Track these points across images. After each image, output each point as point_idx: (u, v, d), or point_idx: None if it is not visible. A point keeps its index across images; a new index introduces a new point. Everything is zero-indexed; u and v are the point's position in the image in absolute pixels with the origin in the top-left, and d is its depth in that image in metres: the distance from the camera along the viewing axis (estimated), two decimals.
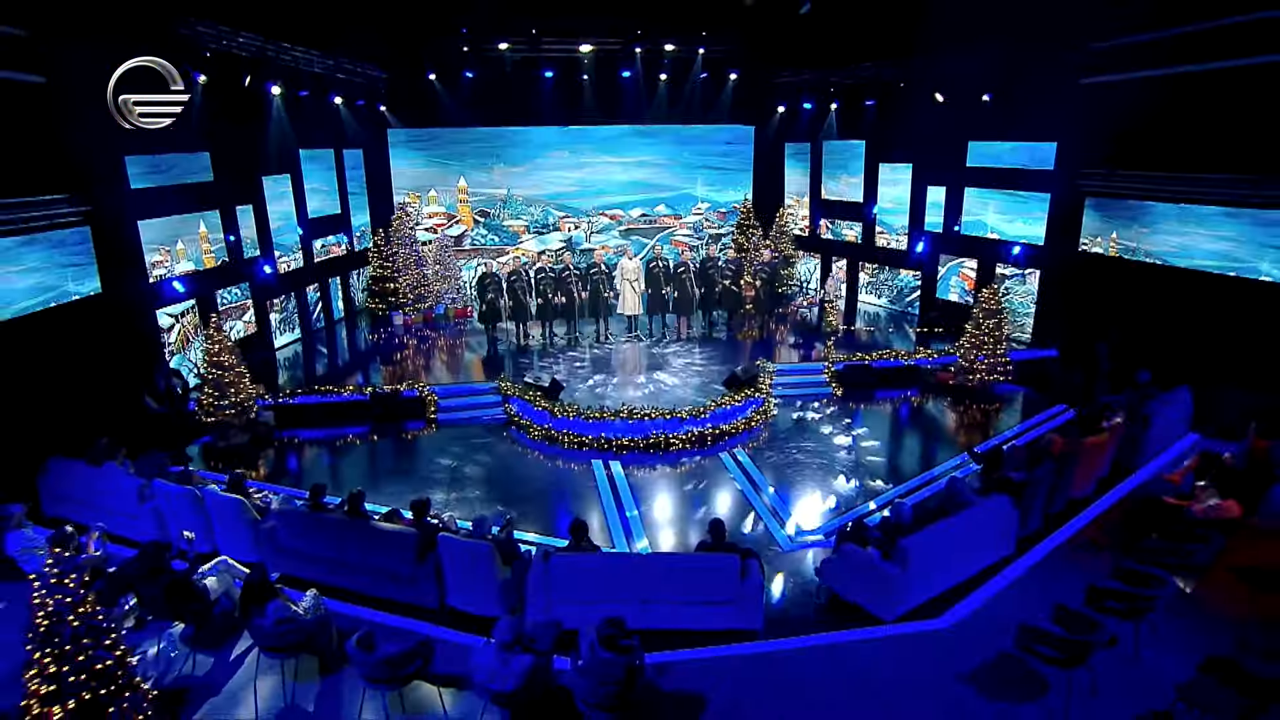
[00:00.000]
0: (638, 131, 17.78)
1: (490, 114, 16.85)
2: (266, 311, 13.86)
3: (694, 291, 14.36)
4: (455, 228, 17.87)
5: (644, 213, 18.36)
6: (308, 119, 13.99)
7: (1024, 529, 7.56)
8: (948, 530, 6.76)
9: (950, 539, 6.79)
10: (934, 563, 6.71)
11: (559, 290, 14.00)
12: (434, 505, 8.28)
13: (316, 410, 11.27)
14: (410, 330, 15.58)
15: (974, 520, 6.96)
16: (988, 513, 7.10)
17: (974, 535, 7.01)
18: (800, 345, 13.67)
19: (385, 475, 9.74)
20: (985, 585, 7.02)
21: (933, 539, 6.65)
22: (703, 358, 13.28)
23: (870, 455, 9.96)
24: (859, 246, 17.16)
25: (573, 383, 11.97)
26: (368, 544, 7.14)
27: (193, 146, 11.72)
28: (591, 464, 9.78)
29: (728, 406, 10.68)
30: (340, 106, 15.03)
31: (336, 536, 7.25)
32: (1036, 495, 7.61)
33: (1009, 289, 14.04)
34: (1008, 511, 7.30)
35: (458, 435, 10.89)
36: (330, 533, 7.27)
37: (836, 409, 11.56)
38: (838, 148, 17.19)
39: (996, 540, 7.30)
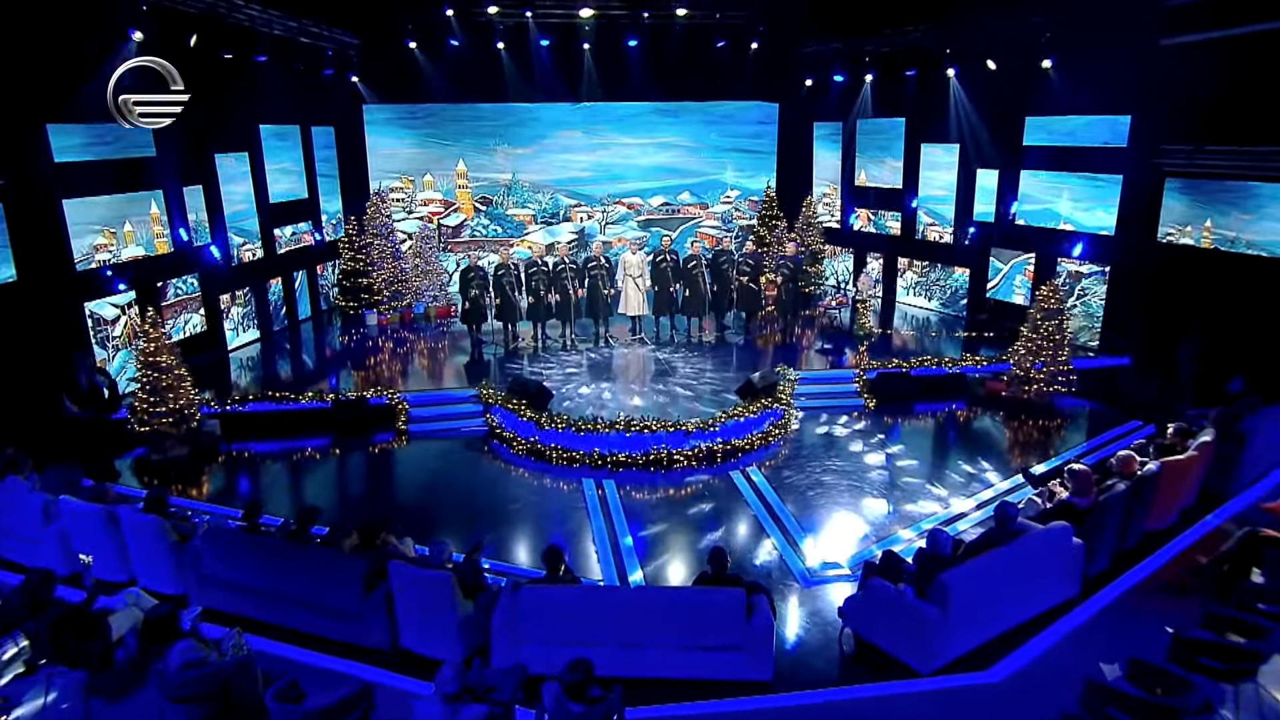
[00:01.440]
0: (659, 110, 17.72)
1: (480, 88, 16.76)
2: (218, 306, 13.74)
3: (706, 290, 14.21)
4: (453, 216, 17.80)
5: (666, 201, 18.37)
6: (268, 90, 13.84)
7: (1090, 566, 7.22)
8: (996, 565, 6.38)
9: (1000, 575, 6.42)
10: (980, 603, 6.34)
11: (553, 287, 13.87)
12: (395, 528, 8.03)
13: (271, 420, 11.13)
14: (385, 331, 15.53)
15: (1028, 553, 6.58)
16: (1045, 545, 6.72)
17: (1029, 571, 6.64)
18: (828, 350, 13.58)
19: (345, 493, 9.66)
20: (1043, 633, 6.68)
21: (978, 575, 6.28)
22: (715, 364, 13.18)
23: (907, 476, 9.77)
24: (898, 240, 16.92)
25: (566, 390, 11.88)
26: (307, 572, 6.83)
27: None
28: (582, 483, 9.63)
29: (741, 419, 10.50)
30: (306, 76, 14.95)
31: (271, 563, 6.94)
32: (1106, 526, 7.26)
33: (1086, 289, 13.54)
34: (1070, 544, 6.93)
35: (431, 449, 10.82)
36: (264, 559, 6.96)
37: (868, 423, 11.43)
38: (874, 127, 17.01)
39: (1057, 578, 6.93)
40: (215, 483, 9.92)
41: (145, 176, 11.98)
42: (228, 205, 13.83)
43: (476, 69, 16.30)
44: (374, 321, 15.94)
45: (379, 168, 17.25)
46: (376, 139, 17.17)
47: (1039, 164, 14.12)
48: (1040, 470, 9.19)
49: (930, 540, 6.47)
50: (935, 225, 16.15)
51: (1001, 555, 6.43)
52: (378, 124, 17.08)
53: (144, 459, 10.31)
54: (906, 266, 16.80)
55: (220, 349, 13.73)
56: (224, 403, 11.11)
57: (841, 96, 17.05)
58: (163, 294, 12.49)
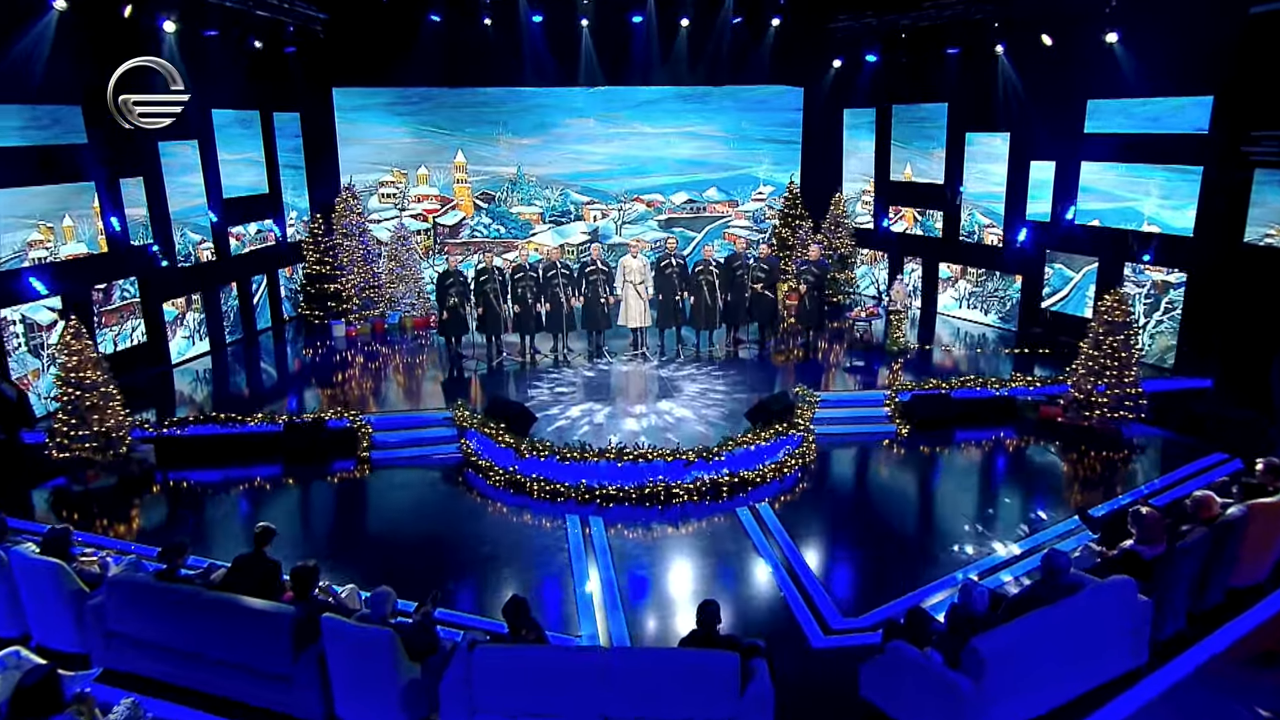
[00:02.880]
0: (682, 95, 17.83)
1: (470, 70, 16.86)
2: (161, 314, 13.68)
3: (717, 299, 14.05)
4: (450, 214, 17.83)
5: (690, 198, 18.45)
6: (220, 70, 13.86)
7: (1161, 630, 6.87)
8: (1044, 626, 6.03)
9: (1048, 639, 6.08)
10: (1023, 674, 5.99)
11: (543, 294, 13.79)
12: (342, 574, 8.03)
13: (213, 445, 11.07)
14: (354, 344, 15.51)
15: (1083, 613, 6.23)
16: (1104, 603, 6.37)
17: (1084, 635, 6.30)
18: (856, 369, 13.53)
19: (293, 531, 9.48)
20: (1101, 710, 6.37)
21: (1021, 639, 5.94)
22: (725, 383, 13.07)
23: (943, 515, 9.60)
24: (939, 243, 16.78)
25: (554, 413, 11.78)
26: (229, 628, 6.56)
27: (56, 96, 11.47)
28: (565, 520, 9.50)
29: (751, 447, 10.32)
30: (266, 55, 14.98)
31: (188, 617, 6.67)
32: (1179, 580, 6.90)
33: (1174, 302, 13.15)
34: (1135, 602, 6.57)
35: (396, 480, 10.75)
36: (180, 612, 6.69)
37: (901, 453, 11.30)
38: (912, 114, 16.90)
39: (1118, 644, 6.58)
40: (146, 518, 9.79)
41: (75, 165, 11.91)
42: (178, 200, 13.82)
43: (464, 47, 16.34)
44: (341, 333, 15.93)
45: (367, 159, 17.31)
46: (363, 127, 17.25)
47: (1103, 154, 13.83)
48: (1101, 512, 8.91)
49: (963, 595, 6.15)
50: (994, 227, 15.88)
51: (1050, 615, 6.09)
52: (361, 109, 17.15)
53: (63, 490, 10.17)
54: (959, 275, 16.54)
55: (164, 363, 13.67)
56: (160, 425, 10.99)
57: (874, 79, 17.01)
58: (107, 298, 12.49)
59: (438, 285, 13.96)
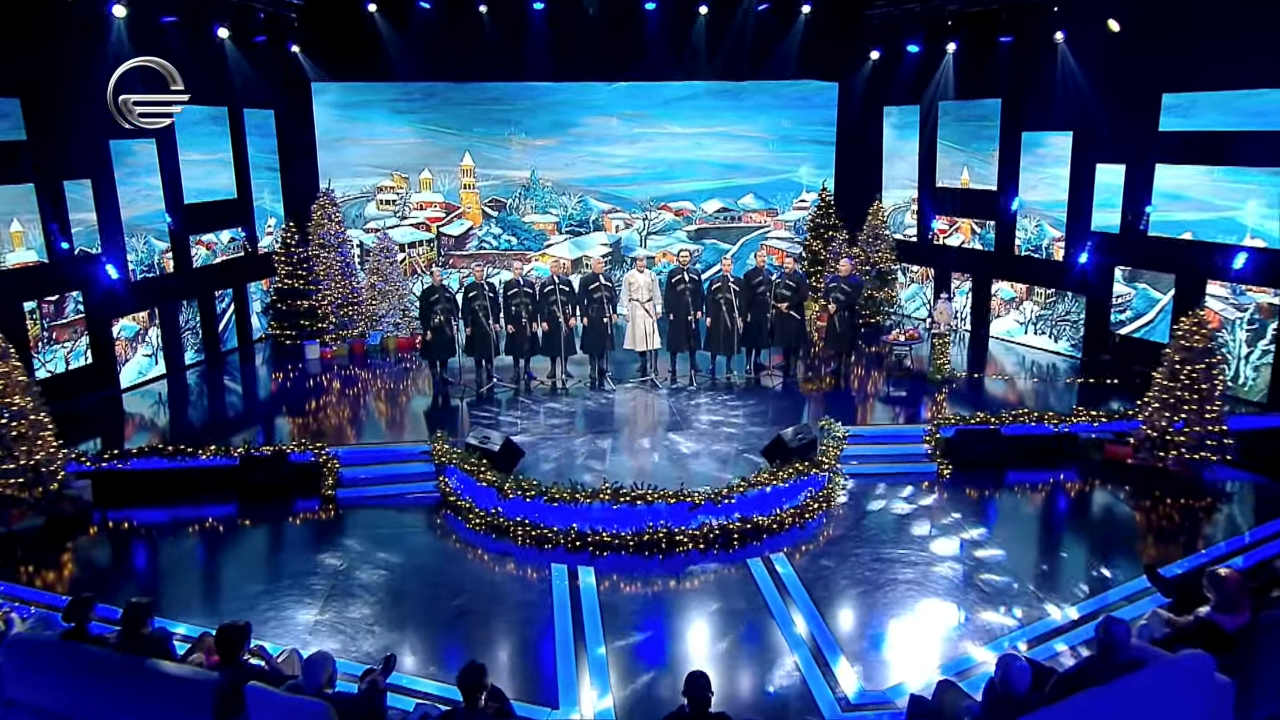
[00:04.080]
0: (715, 90, 17.98)
1: (462, 62, 16.94)
2: (109, 332, 13.68)
3: (735, 320, 13.98)
4: (456, 224, 17.93)
5: (724, 206, 18.52)
6: (180, 61, 13.90)
7: (1246, 716, 6.41)
8: (1097, 709, 5.67)
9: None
10: None
11: (539, 313, 13.81)
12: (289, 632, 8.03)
13: (160, 480, 11.08)
14: (329, 368, 15.58)
15: (1146, 694, 5.87)
16: (1173, 683, 6.02)
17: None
18: (893, 399, 13.58)
19: (243, 580, 9.44)
20: None
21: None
22: (743, 415, 13.06)
23: (988, 572, 9.33)
24: (991, 257, 16.73)
25: (546, 448, 11.80)
26: (143, 695, 6.32)
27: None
28: (550, 570, 9.40)
29: (766, 488, 10.18)
30: (233, 45, 15.05)
31: (97, 682, 6.45)
32: (1267, 658, 6.44)
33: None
34: (1211, 682, 6.15)
35: (364, 522, 10.68)
36: (87, 677, 6.48)
37: (941, 497, 11.16)
38: (960, 112, 16.70)
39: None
40: (79, 564, 9.75)
41: (14, 165, 11.94)
42: (140, 204, 13.93)
43: (467, 36, 16.44)
44: (315, 355, 15.96)
45: (364, 161, 17.54)
46: (359, 125, 17.47)
47: (1181, 155, 13.56)
48: (1174, 571, 8.75)
49: (1001, 670, 5.75)
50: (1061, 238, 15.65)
51: (1105, 696, 5.73)
52: (357, 106, 17.36)
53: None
54: (1023, 295, 16.31)
55: (112, 388, 13.69)
56: (98, 459, 10.97)
57: (918, 72, 17.04)
58: (59, 311, 12.65)
59: (421, 302, 14.00)
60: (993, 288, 16.73)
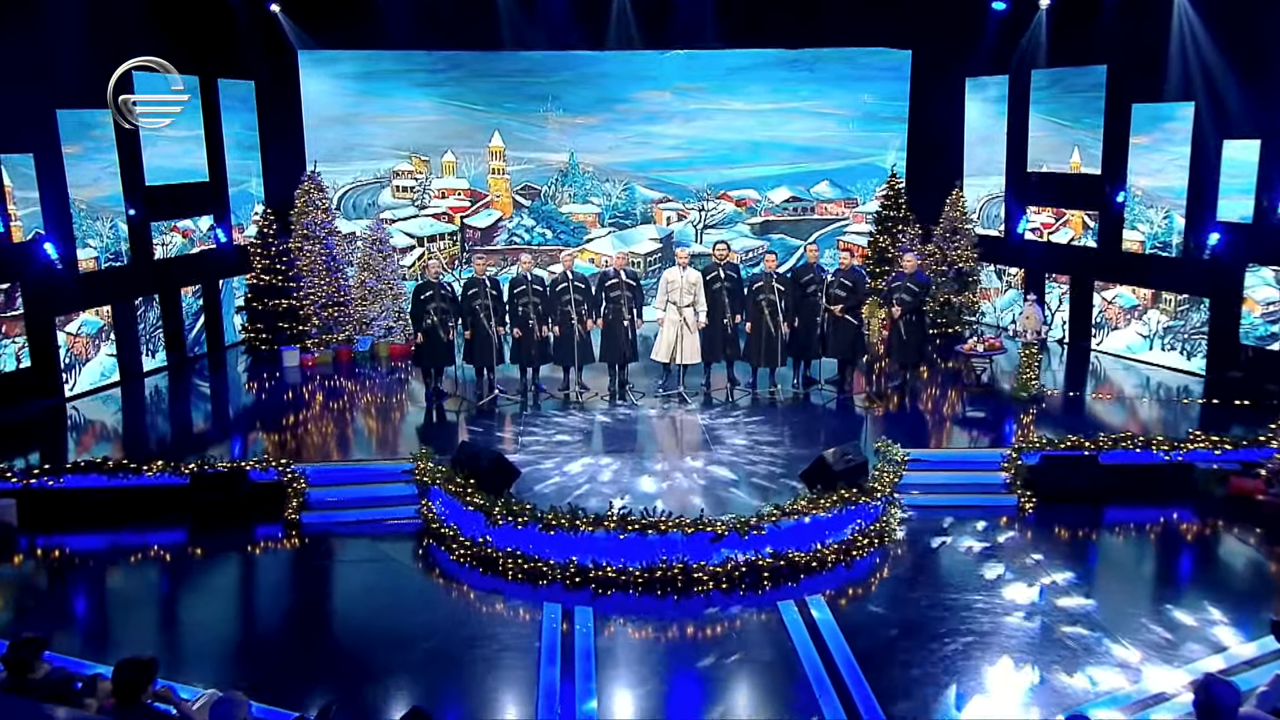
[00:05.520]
0: (785, 60, 17.96)
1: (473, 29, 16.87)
2: (53, 331, 13.76)
3: (780, 325, 13.81)
4: (483, 214, 17.87)
5: (794, 195, 18.45)
6: (140, 22, 13.97)
7: None
8: None
9: None
10: None
11: (549, 315, 13.87)
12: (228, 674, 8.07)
13: (99, 501, 11.14)
14: (310, 377, 15.66)
15: None
16: None
17: None
18: (968, 420, 13.60)
19: (186, 619, 9.47)
20: None
21: None
22: (785, 434, 13.06)
23: (1076, 625, 9.03)
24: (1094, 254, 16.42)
25: (545, 467, 11.81)
26: None
27: None
28: (543, 609, 9.28)
29: (805, 518, 10.00)
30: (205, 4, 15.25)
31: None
32: None
33: None
34: None
35: (333, 551, 10.73)
36: None
37: (1020, 534, 11.00)
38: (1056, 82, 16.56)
39: None
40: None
41: None
42: (105, 184, 14.08)
43: None
44: (294, 362, 16.03)
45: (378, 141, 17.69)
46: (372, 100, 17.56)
47: None
48: None
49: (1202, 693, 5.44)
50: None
51: None
52: (370, 79, 17.49)
53: None
54: (1148, 302, 15.93)
55: (56, 396, 13.79)
56: (26, 474, 11.00)
57: (1004, 35, 16.83)
58: (9, 301, 12.84)
59: (413, 301, 14.05)
60: (1109, 293, 16.33)
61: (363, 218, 17.54)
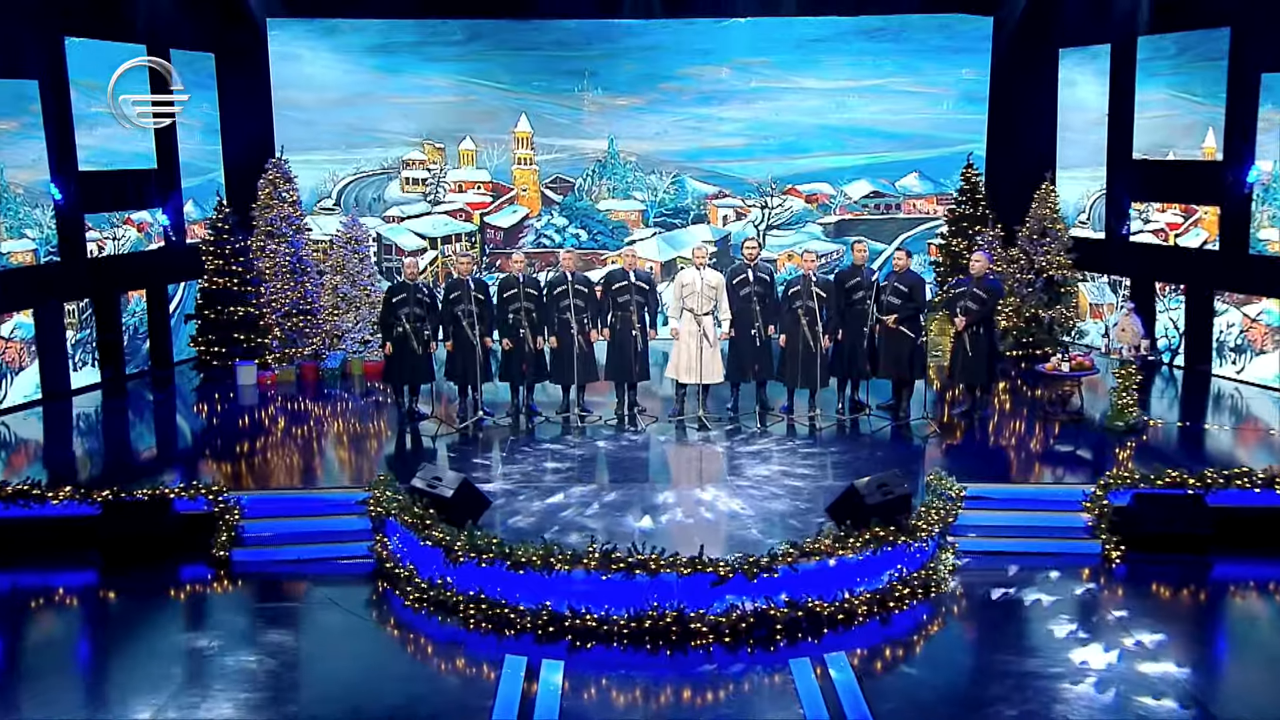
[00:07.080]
0: (864, 29, 18.03)
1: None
2: None
3: (820, 338, 13.65)
4: (506, 212, 17.89)
5: (875, 190, 18.55)
6: None
7: None
8: None
9: None
10: None
11: (545, 324, 13.95)
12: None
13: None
14: (268, 397, 15.79)
15: None
16: None
17: None
18: (1050, 455, 13.36)
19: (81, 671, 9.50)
20: None
21: None
22: (818, 465, 12.94)
23: (1161, 698, 8.60)
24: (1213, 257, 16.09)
25: (525, 497, 11.80)
26: None
27: None
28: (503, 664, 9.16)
29: (830, 559, 9.79)
30: None
31: None
32: None
33: None
34: None
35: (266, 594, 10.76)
36: None
37: (1102, 587, 10.74)
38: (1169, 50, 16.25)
39: None
40: None
41: None
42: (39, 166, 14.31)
43: None
44: (251, 380, 16.11)
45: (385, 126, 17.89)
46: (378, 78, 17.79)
47: None
48: None
49: None
50: None
51: None
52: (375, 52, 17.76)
53: None
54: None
55: None
56: None
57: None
58: None
59: (384, 305, 14.15)
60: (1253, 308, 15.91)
61: (366, 214, 17.66)
